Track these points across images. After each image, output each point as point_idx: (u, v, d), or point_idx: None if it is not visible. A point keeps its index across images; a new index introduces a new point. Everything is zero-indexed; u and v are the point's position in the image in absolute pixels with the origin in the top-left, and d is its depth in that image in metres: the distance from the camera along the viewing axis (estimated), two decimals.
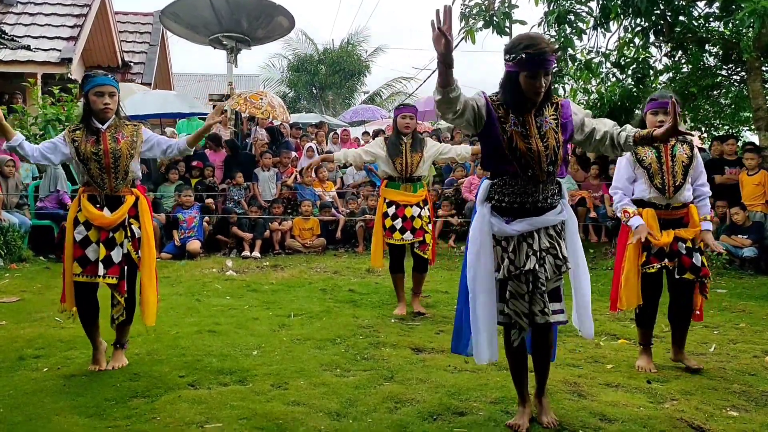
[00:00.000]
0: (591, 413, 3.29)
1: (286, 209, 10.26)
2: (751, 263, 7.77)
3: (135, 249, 3.96)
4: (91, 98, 3.87)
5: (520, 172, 2.95)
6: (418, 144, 5.61)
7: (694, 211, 4.13)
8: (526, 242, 2.98)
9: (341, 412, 3.32)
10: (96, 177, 3.86)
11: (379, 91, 30.13)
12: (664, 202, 4.05)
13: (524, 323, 2.98)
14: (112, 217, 3.85)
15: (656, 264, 4.03)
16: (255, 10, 12.79)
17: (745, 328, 5.30)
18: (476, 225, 3.06)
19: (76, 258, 3.87)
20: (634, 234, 3.99)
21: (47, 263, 8.33)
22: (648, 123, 3.96)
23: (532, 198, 2.98)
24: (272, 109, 11.21)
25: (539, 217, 3.00)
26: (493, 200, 3.04)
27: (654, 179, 4.02)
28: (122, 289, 3.89)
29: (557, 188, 3.07)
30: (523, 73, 2.86)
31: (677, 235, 4.03)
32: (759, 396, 3.62)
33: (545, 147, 2.95)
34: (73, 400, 3.49)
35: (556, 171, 3.04)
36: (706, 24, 9.57)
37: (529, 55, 2.79)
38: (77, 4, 14.20)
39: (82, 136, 3.89)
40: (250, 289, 6.86)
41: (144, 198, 4.05)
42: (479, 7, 9.19)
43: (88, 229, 3.87)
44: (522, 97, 2.92)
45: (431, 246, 5.72)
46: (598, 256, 8.79)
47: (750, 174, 8.20)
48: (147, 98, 12.23)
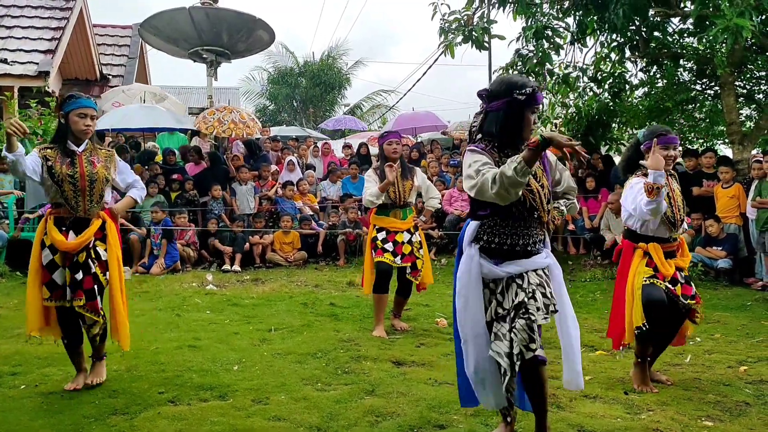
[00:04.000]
0: (569, 425, 3.33)
1: (267, 223, 10.25)
2: (726, 274, 7.91)
3: (102, 271, 3.91)
4: (73, 119, 3.83)
5: (525, 215, 2.92)
6: (407, 172, 5.65)
7: (683, 240, 4.23)
8: (515, 282, 2.91)
9: (322, 426, 3.33)
10: (70, 199, 3.81)
11: (360, 104, 30.25)
12: (667, 235, 4.10)
13: (506, 363, 2.82)
14: (76, 241, 3.80)
15: (662, 282, 3.99)
16: (235, 23, 12.80)
17: (720, 339, 5.39)
18: (464, 268, 2.97)
19: (44, 282, 3.83)
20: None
21: (24, 278, 8.22)
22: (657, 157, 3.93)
23: (522, 240, 2.93)
24: (235, 126, 10.94)
25: (528, 260, 2.94)
26: (481, 241, 2.97)
27: (665, 212, 4.04)
28: (96, 309, 3.84)
29: (544, 236, 3.06)
30: (527, 109, 2.89)
31: (676, 264, 4.10)
32: (733, 406, 3.69)
33: (542, 186, 2.97)
34: (52, 417, 3.46)
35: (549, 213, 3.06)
36: (681, 40, 9.77)
37: (538, 90, 2.88)
38: (55, 17, 14.09)
39: (55, 156, 3.81)
40: (230, 304, 6.83)
41: (111, 221, 3.99)
42: (458, 21, 9.30)
43: (54, 254, 3.83)
44: (519, 136, 2.92)
45: (423, 272, 5.67)
46: (577, 268, 8.88)
47: (724, 187, 8.35)
48: (137, 112, 12.04)
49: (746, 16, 6.75)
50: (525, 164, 2.59)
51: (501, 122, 2.92)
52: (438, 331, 5.59)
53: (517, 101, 2.86)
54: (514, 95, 2.86)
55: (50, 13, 14.17)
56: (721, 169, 8.46)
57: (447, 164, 11.69)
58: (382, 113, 29.10)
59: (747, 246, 8.14)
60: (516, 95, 2.85)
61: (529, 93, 2.84)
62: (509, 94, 2.87)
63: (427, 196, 5.89)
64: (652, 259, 4.05)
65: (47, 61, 12.95)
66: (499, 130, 2.92)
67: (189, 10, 12.15)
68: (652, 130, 4.11)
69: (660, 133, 4.03)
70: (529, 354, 2.81)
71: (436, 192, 6.06)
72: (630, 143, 4.41)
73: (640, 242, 4.11)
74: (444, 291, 7.37)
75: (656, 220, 4.02)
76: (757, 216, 7.82)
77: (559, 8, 9.34)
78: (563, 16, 9.37)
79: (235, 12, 12.67)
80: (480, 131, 3.01)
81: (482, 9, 9.57)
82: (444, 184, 10.86)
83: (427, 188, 5.89)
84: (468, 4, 9.46)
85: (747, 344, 5.19)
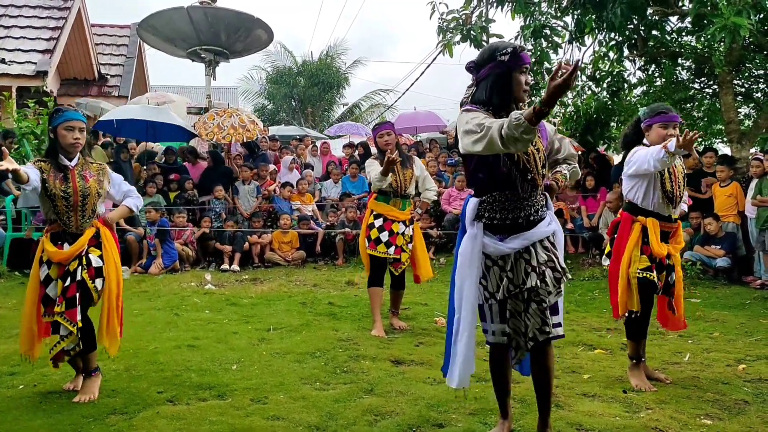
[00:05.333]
0: (568, 423, 3.33)
1: (265, 222, 10.25)
2: (725, 273, 7.91)
3: (90, 277, 3.80)
4: (61, 132, 3.76)
5: (519, 178, 2.90)
6: (407, 161, 5.67)
7: (679, 225, 4.23)
8: (523, 258, 2.90)
9: (321, 425, 3.32)
10: (62, 215, 3.75)
11: (359, 103, 30.23)
12: (667, 213, 4.09)
13: (523, 342, 2.90)
14: (70, 250, 3.74)
15: (654, 274, 4.01)
16: (233, 23, 12.78)
17: (718, 338, 5.39)
18: (467, 246, 2.96)
19: (41, 298, 3.78)
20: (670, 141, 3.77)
21: (23, 278, 8.22)
22: (657, 136, 3.97)
23: (524, 212, 2.92)
24: (235, 131, 10.93)
25: (532, 231, 2.92)
26: (483, 218, 2.95)
27: (665, 185, 4.03)
28: (73, 318, 3.69)
29: (544, 199, 3.04)
30: (515, 70, 2.88)
31: (669, 250, 4.09)
32: (732, 404, 3.69)
33: (536, 150, 2.96)
34: (50, 417, 3.45)
35: (546, 176, 3.07)
36: (679, 39, 9.78)
37: (520, 49, 2.87)
38: (53, 16, 14.08)
39: (48, 170, 3.75)
40: (229, 303, 6.83)
41: (106, 229, 3.92)
42: (456, 21, 9.31)
43: (49, 267, 3.78)
44: (510, 97, 2.91)
45: (426, 264, 5.78)
46: (576, 267, 8.88)
47: (722, 185, 8.36)
48: (139, 109, 11.77)
49: (744, 15, 6.76)
50: (530, 124, 2.47)
51: (490, 86, 2.92)
52: (437, 330, 5.59)
53: (503, 63, 2.87)
54: (497, 58, 2.88)
55: (48, 12, 14.17)
56: (718, 168, 8.47)
57: (445, 163, 11.70)
58: (381, 112, 29.07)
59: (745, 245, 8.15)
60: (499, 57, 2.87)
61: (510, 52, 2.86)
62: (494, 59, 2.90)
63: (423, 187, 5.91)
64: (647, 241, 4.02)
65: (45, 61, 12.95)
66: (490, 95, 2.92)
67: (187, 10, 12.12)
68: (653, 108, 4.12)
69: (659, 111, 4.05)
70: (543, 336, 2.88)
71: (433, 184, 6.09)
72: (631, 121, 4.40)
73: (639, 215, 4.10)
74: (443, 290, 7.36)
75: (655, 193, 4.01)
76: (757, 214, 7.82)
77: (558, 7, 9.35)
78: (561, 15, 9.39)
79: (233, 11, 12.65)
80: (472, 101, 2.99)
81: (480, 8, 9.58)
82: (442, 183, 10.85)
83: (424, 179, 5.90)
84: (466, 3, 9.47)
85: (746, 343, 5.19)
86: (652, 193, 4.06)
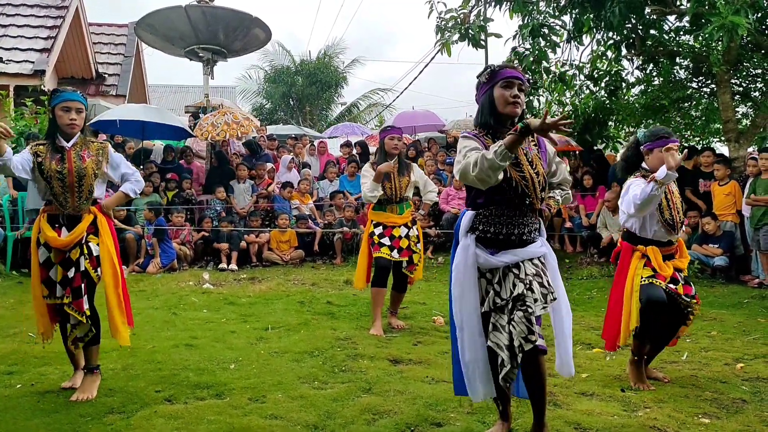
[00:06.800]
0: (566, 422, 3.34)
1: (263, 222, 10.24)
2: (723, 272, 7.92)
3: (93, 267, 3.82)
4: (58, 113, 3.77)
5: (517, 202, 2.94)
6: (404, 168, 5.69)
7: (682, 242, 4.23)
8: (512, 272, 2.91)
9: (319, 424, 3.32)
10: (59, 196, 3.75)
11: (357, 102, 30.21)
12: (666, 239, 4.07)
13: (506, 355, 2.84)
14: (68, 238, 3.73)
15: (662, 281, 3.95)
16: (231, 22, 12.75)
17: (716, 336, 5.40)
18: (460, 258, 2.99)
19: (42, 280, 3.80)
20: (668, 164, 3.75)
21: (20, 278, 8.21)
22: (657, 160, 3.93)
23: (518, 230, 2.95)
24: (228, 127, 10.91)
25: (524, 249, 2.95)
26: (477, 231, 2.99)
27: (664, 214, 4.02)
28: (80, 308, 3.72)
29: (539, 224, 3.08)
30: (497, 86, 2.97)
31: (674, 266, 4.08)
32: (730, 403, 3.70)
33: (536, 174, 2.99)
34: (48, 417, 3.45)
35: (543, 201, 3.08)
36: (677, 38, 9.78)
37: (499, 67, 3.00)
38: (51, 15, 14.04)
39: (46, 152, 3.76)
40: (227, 302, 6.83)
41: (102, 216, 3.91)
42: (455, 20, 9.30)
43: (49, 251, 3.79)
44: (498, 115, 2.99)
45: (420, 265, 5.77)
46: (574, 266, 8.89)
47: (720, 184, 8.36)
48: (137, 108, 11.84)
49: (742, 14, 6.76)
50: (505, 149, 2.67)
51: (480, 109, 3.09)
52: (435, 330, 5.59)
53: (486, 84, 3.03)
54: (480, 82, 3.07)
55: (46, 11, 14.12)
56: (716, 166, 8.47)
57: (443, 162, 11.70)
58: (379, 112, 29.07)
59: (743, 243, 8.15)
60: (481, 81, 3.06)
61: (488, 72, 3.02)
62: (480, 84, 3.09)
63: (425, 190, 5.99)
64: (650, 261, 4.02)
65: (43, 60, 12.92)
66: (481, 117, 3.07)
67: (185, 9, 12.09)
68: (653, 132, 4.09)
69: (661, 135, 4.01)
70: (528, 345, 2.81)
71: (433, 186, 6.15)
72: (629, 143, 4.39)
73: (638, 245, 4.09)
74: (441, 289, 7.37)
75: (654, 223, 4.01)
76: (751, 213, 7.83)
77: (556, 6, 9.35)
78: (559, 14, 9.38)
79: (231, 10, 12.62)
80: (474, 125, 3.15)
81: (478, 7, 9.60)
82: (441, 182, 10.86)
83: (424, 183, 5.98)
84: (464, 3, 9.46)
85: (743, 342, 5.20)
86: (650, 222, 4.05)
